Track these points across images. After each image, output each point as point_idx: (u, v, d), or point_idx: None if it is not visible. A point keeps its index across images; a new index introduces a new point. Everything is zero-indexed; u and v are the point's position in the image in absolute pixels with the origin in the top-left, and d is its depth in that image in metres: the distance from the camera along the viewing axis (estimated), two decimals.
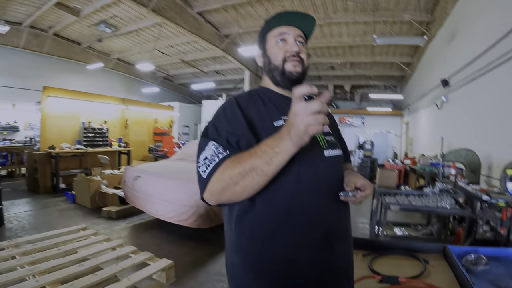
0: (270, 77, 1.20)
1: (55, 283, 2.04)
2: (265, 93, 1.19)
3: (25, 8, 9.17)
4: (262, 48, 1.21)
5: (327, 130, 1.22)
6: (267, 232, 1.00)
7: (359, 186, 1.08)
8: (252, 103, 1.12)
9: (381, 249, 1.63)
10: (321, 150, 1.10)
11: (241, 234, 1.05)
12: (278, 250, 1.00)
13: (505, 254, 1.54)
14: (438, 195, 3.54)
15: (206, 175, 0.94)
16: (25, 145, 9.90)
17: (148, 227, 5.16)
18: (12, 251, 2.51)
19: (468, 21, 5.85)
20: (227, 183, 0.89)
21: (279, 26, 1.16)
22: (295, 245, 0.99)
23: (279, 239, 0.99)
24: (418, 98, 10.46)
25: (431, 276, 1.39)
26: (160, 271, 2.44)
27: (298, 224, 1.00)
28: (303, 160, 0.99)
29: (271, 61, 1.16)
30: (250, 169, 0.86)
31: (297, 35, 1.15)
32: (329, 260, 1.04)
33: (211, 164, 0.94)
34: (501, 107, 4.41)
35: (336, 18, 8.71)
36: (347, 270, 1.13)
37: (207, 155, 0.97)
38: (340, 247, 1.08)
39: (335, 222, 1.08)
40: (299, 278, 0.99)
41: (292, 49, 1.13)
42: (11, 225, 4.88)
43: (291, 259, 0.99)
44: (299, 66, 1.14)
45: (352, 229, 1.23)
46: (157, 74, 17.12)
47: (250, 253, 1.03)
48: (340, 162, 1.18)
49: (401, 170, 9.46)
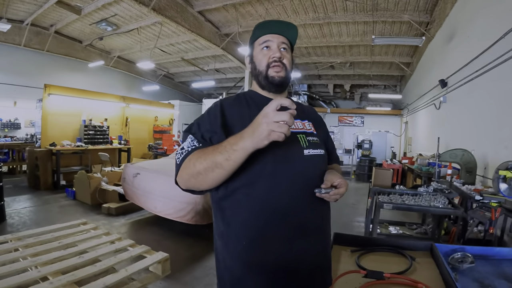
0: (256, 81, 1.30)
1: (56, 274, 2.12)
2: (251, 95, 1.29)
3: (26, 6, 9.22)
4: (250, 55, 1.31)
5: (310, 130, 1.30)
6: (243, 221, 1.11)
7: (335, 184, 1.13)
8: (236, 106, 1.22)
9: (369, 246, 1.68)
10: (300, 149, 1.18)
11: (222, 220, 1.16)
12: (252, 238, 1.09)
13: (492, 253, 1.57)
14: (432, 195, 3.59)
15: (179, 161, 1.07)
16: (26, 142, 9.95)
17: (147, 223, 5.23)
18: (15, 243, 2.60)
19: (466, 22, 5.88)
20: (192, 171, 1.01)
21: (264, 34, 1.24)
22: (268, 235, 1.09)
23: (255, 228, 1.09)
24: (417, 98, 10.49)
25: (416, 273, 1.41)
26: (156, 263, 2.52)
27: (272, 216, 1.08)
28: (280, 157, 1.10)
29: (257, 67, 1.26)
30: (212, 162, 0.96)
31: (280, 42, 1.24)
32: (301, 253, 1.12)
33: (184, 153, 1.06)
34: (497, 108, 4.45)
35: (335, 18, 8.73)
36: (321, 264, 1.20)
37: (184, 145, 1.09)
38: (313, 241, 1.16)
39: (310, 218, 1.15)
40: (270, 266, 1.09)
41: (274, 55, 1.21)
42: (13, 220, 4.95)
43: (263, 248, 1.09)
44: (281, 71, 1.23)
45: (348, 228, 1.30)
46: (158, 72, 17.14)
47: (229, 237, 1.14)
48: (321, 161, 1.23)
49: (398, 170, 9.52)
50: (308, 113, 1.42)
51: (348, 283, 1.27)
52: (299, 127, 1.27)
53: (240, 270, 1.11)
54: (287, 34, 1.27)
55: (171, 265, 2.80)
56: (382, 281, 1.29)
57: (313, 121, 1.37)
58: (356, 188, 10.05)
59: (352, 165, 12.55)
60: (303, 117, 1.34)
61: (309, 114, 1.42)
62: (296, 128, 1.26)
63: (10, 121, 10.97)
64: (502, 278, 1.32)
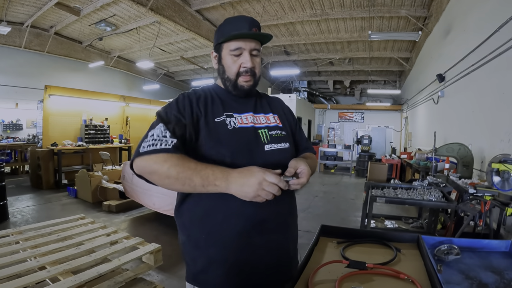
0: (223, 83, 1.27)
1: (53, 263, 2.22)
2: (216, 90, 1.28)
3: (26, 9, 9.29)
4: (218, 52, 1.25)
5: (275, 124, 1.30)
6: (202, 217, 1.13)
7: (299, 171, 1.10)
8: (201, 100, 1.19)
9: (356, 238, 1.70)
10: (261, 145, 1.18)
11: (183, 214, 1.19)
12: (210, 234, 1.12)
13: (480, 245, 1.55)
14: (426, 189, 3.62)
15: (147, 150, 1.00)
16: (28, 142, 10.04)
17: (146, 219, 5.31)
18: (16, 237, 2.69)
19: (462, 16, 5.88)
20: (162, 171, 0.98)
21: (235, 39, 1.17)
22: (226, 231, 1.11)
23: (214, 224, 1.12)
24: (417, 93, 10.49)
25: (400, 263, 1.39)
26: (149, 253, 2.60)
27: (231, 213, 1.10)
28: (239, 153, 1.11)
29: (226, 72, 1.22)
30: (187, 178, 0.97)
31: (252, 49, 1.19)
32: (260, 249, 1.14)
33: (157, 145, 1.00)
34: (492, 101, 4.46)
35: (333, 14, 8.74)
36: (283, 261, 1.23)
37: (154, 133, 1.04)
38: (276, 236, 1.19)
39: (271, 213, 1.16)
40: (228, 261, 1.11)
41: (246, 65, 1.18)
42: (15, 219, 5.04)
43: (222, 244, 1.11)
44: (251, 80, 1.21)
45: (346, 223, 1.31)
46: (158, 71, 17.17)
47: (189, 231, 1.17)
48: (284, 155, 1.22)
49: (397, 165, 9.54)
50: (274, 105, 1.40)
51: (330, 272, 1.28)
52: (261, 122, 1.26)
53: (200, 264, 1.13)
54: (260, 37, 1.21)
55: (169, 259, 2.86)
56: (364, 271, 1.29)
57: (278, 114, 1.36)
58: (356, 183, 10.08)
59: (352, 160, 12.57)
60: (267, 110, 1.33)
61: (275, 106, 1.40)
62: (258, 122, 1.25)
63: (12, 122, 11.06)
64: (489, 270, 1.31)
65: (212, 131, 1.13)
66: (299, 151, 1.40)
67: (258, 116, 1.27)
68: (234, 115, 1.20)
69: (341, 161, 13.31)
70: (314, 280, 1.14)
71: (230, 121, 1.18)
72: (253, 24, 1.18)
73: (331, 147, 12.97)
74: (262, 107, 1.34)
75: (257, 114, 1.29)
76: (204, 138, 1.11)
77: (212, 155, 1.09)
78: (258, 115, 1.28)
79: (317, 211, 6.24)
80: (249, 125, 1.21)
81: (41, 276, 2.04)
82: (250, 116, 1.24)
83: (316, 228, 1.65)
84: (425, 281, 1.17)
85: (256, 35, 1.17)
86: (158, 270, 3.30)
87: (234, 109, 1.23)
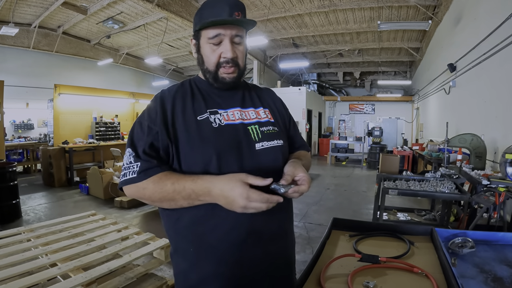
0: (203, 75, 1.14)
1: (64, 260, 2.24)
2: (197, 83, 1.16)
3: (33, 9, 9.37)
4: (197, 40, 1.10)
5: (266, 119, 1.17)
6: (189, 226, 1.03)
7: (297, 179, 0.99)
8: (179, 97, 1.08)
9: (369, 231, 1.68)
10: (251, 143, 1.06)
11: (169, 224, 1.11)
12: (200, 245, 1.02)
13: (495, 238, 1.51)
14: (439, 180, 3.55)
15: (122, 180, 0.97)
16: (40, 141, 10.18)
17: (158, 215, 5.26)
18: (28, 234, 2.72)
19: (472, 4, 5.74)
20: (146, 198, 0.96)
21: (213, 25, 1.02)
22: (221, 240, 1.00)
23: (202, 234, 1.02)
24: (428, 83, 10.33)
25: (414, 257, 1.37)
26: (159, 249, 2.60)
27: (222, 222, 0.99)
28: (227, 154, 1.00)
29: (204, 62, 1.09)
30: (171, 200, 0.94)
31: (233, 36, 1.04)
32: (255, 260, 1.04)
33: (127, 175, 0.96)
34: (505, 90, 4.36)
35: (341, 5, 8.62)
36: (280, 272, 1.13)
37: (125, 161, 1.00)
38: (271, 248, 1.07)
39: (264, 220, 1.03)
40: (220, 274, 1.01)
41: (226, 55, 1.04)
42: (28, 217, 5.13)
43: (213, 255, 1.01)
44: (234, 71, 1.08)
45: (358, 215, 1.23)
46: (167, 67, 17.24)
47: (177, 242, 1.10)
48: (277, 153, 1.10)
49: (409, 157, 9.42)
50: (265, 98, 1.26)
51: (343, 266, 1.27)
52: (251, 117, 1.13)
53: (193, 279, 1.04)
54: (242, 23, 1.04)
55: None
56: (377, 265, 1.27)
57: (270, 107, 1.23)
58: (367, 175, 10.01)
59: (363, 152, 12.46)
60: (258, 105, 1.20)
61: (266, 99, 1.26)
62: (248, 118, 1.12)
63: (23, 122, 11.26)
64: (504, 263, 1.27)
65: (194, 131, 1.01)
66: (293, 148, 1.28)
67: (247, 111, 1.14)
68: (219, 111, 1.08)
69: (352, 153, 13.18)
70: (326, 274, 1.12)
71: (215, 118, 1.05)
72: (235, 8, 1.01)
73: (342, 139, 12.88)
74: (252, 100, 1.21)
75: (246, 108, 1.15)
76: (185, 140, 1.00)
77: (196, 158, 0.99)
78: (247, 110, 1.15)
79: (328, 204, 6.22)
80: (236, 122, 1.08)
81: (52, 273, 2.06)
82: (237, 111, 1.11)
83: (327, 221, 1.63)
84: (439, 275, 1.14)
85: (236, 21, 1.01)
86: (169, 265, 3.30)
87: (218, 105, 1.10)
